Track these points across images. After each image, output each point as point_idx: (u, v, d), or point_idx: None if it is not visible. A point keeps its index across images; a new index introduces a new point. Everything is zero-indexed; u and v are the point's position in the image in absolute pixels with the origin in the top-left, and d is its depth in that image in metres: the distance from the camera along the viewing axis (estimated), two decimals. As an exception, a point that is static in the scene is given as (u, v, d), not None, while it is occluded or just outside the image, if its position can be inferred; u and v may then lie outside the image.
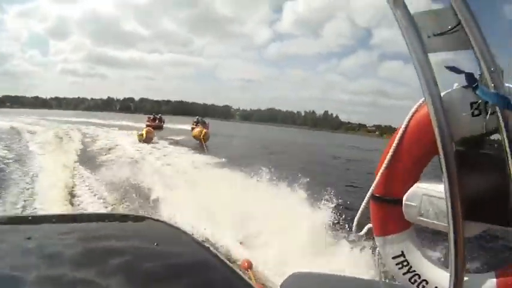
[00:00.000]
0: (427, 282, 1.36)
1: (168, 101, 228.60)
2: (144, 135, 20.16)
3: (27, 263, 0.95)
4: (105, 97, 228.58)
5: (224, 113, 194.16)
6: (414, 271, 1.39)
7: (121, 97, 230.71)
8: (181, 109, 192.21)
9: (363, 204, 1.42)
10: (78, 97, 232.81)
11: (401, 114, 1.19)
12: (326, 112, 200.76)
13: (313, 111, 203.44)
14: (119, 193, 8.90)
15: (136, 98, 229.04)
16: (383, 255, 1.45)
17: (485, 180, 1.17)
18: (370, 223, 1.48)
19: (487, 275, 1.31)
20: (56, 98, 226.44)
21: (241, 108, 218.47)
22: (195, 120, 31.41)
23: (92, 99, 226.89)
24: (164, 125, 36.66)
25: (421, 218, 1.30)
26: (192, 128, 27.15)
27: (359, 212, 1.47)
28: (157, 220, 1.35)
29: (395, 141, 1.33)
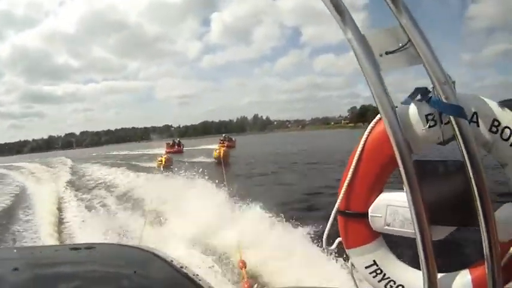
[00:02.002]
0: (403, 287, 1.41)
1: (108, 131, 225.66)
2: (163, 162, 19.73)
3: None
4: (46, 136, 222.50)
5: (164, 132, 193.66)
6: (389, 277, 1.42)
7: (62, 134, 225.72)
8: (122, 136, 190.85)
9: (330, 220, 1.45)
10: (20, 140, 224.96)
11: (337, 103, 1.21)
12: (256, 115, 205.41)
13: (245, 117, 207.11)
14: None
15: (77, 132, 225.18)
16: (356, 266, 1.48)
17: (446, 185, 1.23)
18: (339, 237, 1.51)
19: (460, 272, 1.37)
20: None
21: (181, 125, 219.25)
22: (222, 138, 31.32)
23: (33, 140, 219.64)
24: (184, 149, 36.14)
25: (388, 228, 1.35)
26: (219, 146, 26.59)
27: (327, 227, 1.49)
28: (145, 250, 1.33)
29: (356, 157, 1.37)
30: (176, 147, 35.39)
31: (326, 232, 1.50)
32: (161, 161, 19.99)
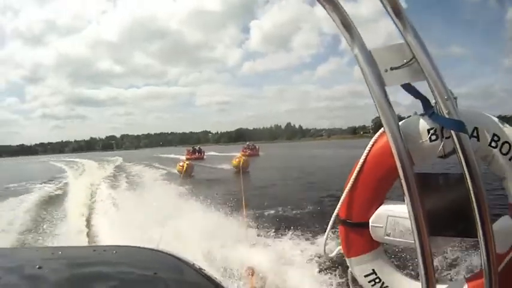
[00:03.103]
0: None
1: (148, 134, 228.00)
2: (184, 168, 19.50)
3: None
4: (87, 138, 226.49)
5: (201, 138, 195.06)
6: (387, 286, 1.45)
7: (103, 136, 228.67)
8: (160, 140, 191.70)
9: (329, 228, 1.48)
10: (62, 140, 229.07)
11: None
12: (288, 124, 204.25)
13: (278, 125, 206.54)
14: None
15: (118, 135, 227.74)
16: (355, 274, 1.51)
17: (446, 197, 1.26)
18: (339, 245, 1.54)
19: (458, 281, 1.40)
20: (41, 144, 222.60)
21: (219, 132, 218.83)
22: (245, 145, 31.14)
23: (75, 141, 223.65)
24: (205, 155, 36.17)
25: (388, 238, 1.38)
26: (243, 154, 26.39)
27: (325, 235, 1.52)
28: (165, 253, 1.34)
29: (357, 168, 1.41)
30: (197, 154, 35.31)
31: (325, 240, 1.53)
32: (182, 166, 19.74)
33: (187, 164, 20.20)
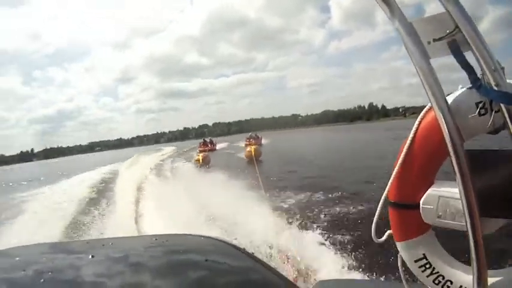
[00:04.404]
0: (451, 282, 1.37)
1: (239, 121, 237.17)
2: (201, 160, 20.48)
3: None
4: (181, 128, 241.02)
5: (290, 122, 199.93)
6: (437, 272, 1.39)
7: (196, 125, 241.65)
8: (251, 126, 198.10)
9: (378, 210, 1.44)
10: (157, 132, 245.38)
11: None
12: (371, 104, 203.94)
13: (361, 105, 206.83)
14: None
15: (210, 124, 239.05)
16: (405, 259, 1.46)
17: (498, 176, 1.19)
18: (388, 229, 1.49)
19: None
20: (138, 137, 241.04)
21: (309, 114, 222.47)
22: (248, 136, 31.82)
23: (169, 132, 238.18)
24: (217, 147, 37.48)
25: (439, 220, 1.31)
26: (246, 145, 27.16)
27: (375, 218, 1.48)
28: (215, 239, 1.36)
29: (406, 146, 1.35)
30: (209, 145, 36.08)
31: (374, 223, 1.49)
32: (198, 160, 20.43)
33: (203, 155, 20.97)
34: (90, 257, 1.13)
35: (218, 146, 38.41)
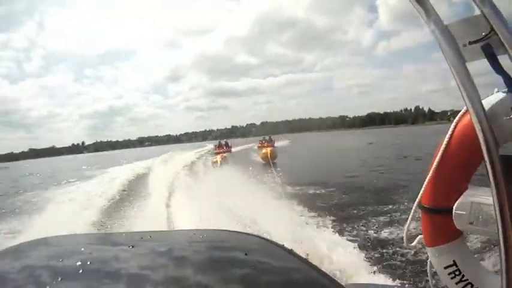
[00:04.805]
0: None
1: (286, 121, 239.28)
2: (219, 162, 20.59)
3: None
4: (229, 126, 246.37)
5: (338, 123, 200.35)
6: (467, 280, 1.37)
7: (244, 124, 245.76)
8: (299, 126, 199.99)
9: (411, 214, 1.42)
10: (205, 130, 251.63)
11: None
12: (417, 107, 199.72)
13: (408, 108, 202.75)
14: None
15: (258, 123, 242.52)
16: (435, 265, 1.44)
17: None
18: (420, 234, 1.47)
19: None
20: (186, 134, 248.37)
21: (356, 115, 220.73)
22: (261, 139, 32.15)
23: (217, 129, 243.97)
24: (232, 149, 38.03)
25: (471, 226, 1.29)
26: (259, 147, 27.49)
27: (407, 223, 1.47)
28: (254, 235, 1.38)
29: (441, 151, 1.33)
30: (224, 147, 36.33)
31: (406, 227, 1.48)
32: (216, 161, 20.55)
33: (221, 157, 21.08)
34: (130, 248, 1.16)
35: (234, 149, 38.74)
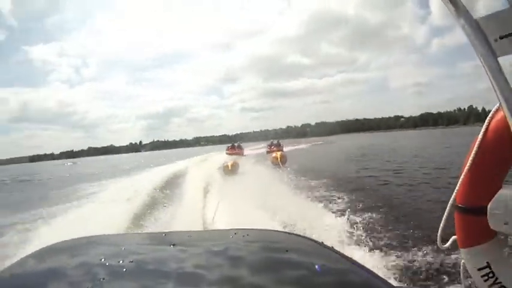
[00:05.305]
0: None
1: (342, 121, 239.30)
2: (230, 167, 20.11)
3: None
4: (284, 126, 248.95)
5: (392, 124, 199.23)
6: (500, 282, 1.32)
7: (299, 124, 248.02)
8: (354, 127, 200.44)
9: (445, 214, 1.39)
10: (260, 130, 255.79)
11: None
12: (470, 106, 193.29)
13: (461, 108, 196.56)
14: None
15: (313, 123, 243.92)
16: (468, 267, 1.40)
17: None
18: (454, 234, 1.44)
19: None
20: (241, 134, 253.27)
21: (411, 116, 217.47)
22: (270, 143, 32.36)
23: (273, 129, 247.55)
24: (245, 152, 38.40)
25: (507, 226, 1.24)
26: (268, 152, 27.79)
27: (441, 223, 1.43)
28: (293, 234, 1.38)
29: (475, 149, 1.29)
30: (236, 149, 36.23)
31: (440, 228, 1.44)
32: (227, 166, 20.30)
33: (232, 163, 21.00)
34: (171, 247, 1.18)
35: (246, 152, 38.76)
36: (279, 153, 22.91)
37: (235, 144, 38.07)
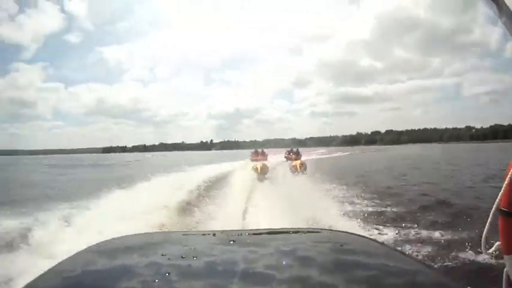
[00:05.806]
0: None
1: (412, 130, 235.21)
2: (259, 169, 20.70)
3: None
4: (354, 133, 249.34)
5: (463, 135, 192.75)
6: None
7: (368, 131, 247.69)
8: (422, 138, 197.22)
9: (489, 219, 1.34)
10: (330, 135, 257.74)
11: None
12: None
13: None
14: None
15: (383, 131, 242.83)
16: (511, 274, 1.35)
17: None
18: (498, 240, 1.39)
19: None
20: (311, 138, 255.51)
21: (484, 127, 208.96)
22: (289, 150, 32.66)
23: (342, 136, 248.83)
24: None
25: None
26: (286, 158, 29.09)
27: (486, 228, 1.38)
28: (350, 233, 1.38)
29: None
30: (260, 155, 36.62)
31: (484, 234, 1.39)
32: (257, 168, 20.52)
33: (262, 165, 21.35)
34: (239, 246, 1.19)
35: (269, 158, 39.01)
36: (298, 161, 23.65)
37: (259, 150, 38.49)
